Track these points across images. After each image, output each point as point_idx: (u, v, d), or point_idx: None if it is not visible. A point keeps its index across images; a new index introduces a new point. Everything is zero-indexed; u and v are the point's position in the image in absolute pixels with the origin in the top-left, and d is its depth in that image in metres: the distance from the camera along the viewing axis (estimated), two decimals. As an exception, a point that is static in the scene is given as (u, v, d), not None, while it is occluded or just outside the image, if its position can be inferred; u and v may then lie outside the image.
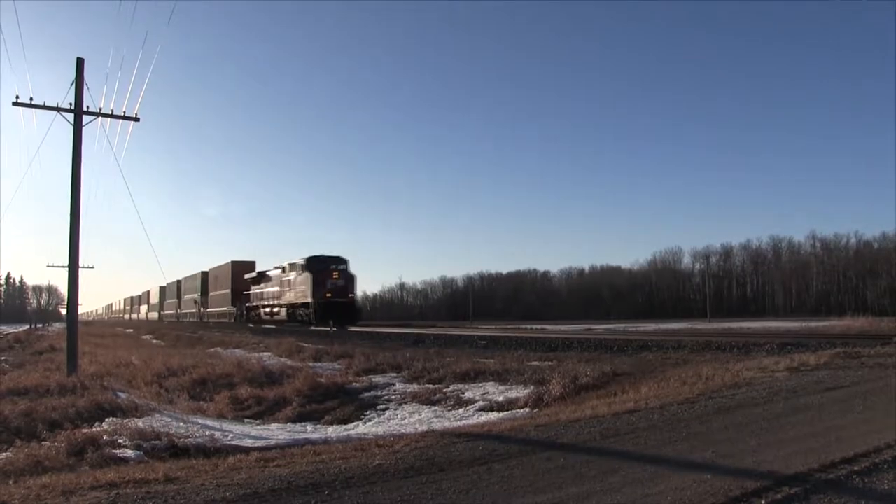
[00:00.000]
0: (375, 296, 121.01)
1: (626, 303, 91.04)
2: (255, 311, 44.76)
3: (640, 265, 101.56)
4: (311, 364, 17.82)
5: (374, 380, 14.39)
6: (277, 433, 9.55)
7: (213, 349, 25.91)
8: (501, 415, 10.02)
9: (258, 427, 10.41)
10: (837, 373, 9.10)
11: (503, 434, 6.13)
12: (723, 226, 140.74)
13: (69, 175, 14.37)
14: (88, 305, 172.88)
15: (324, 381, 14.09)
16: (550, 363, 13.51)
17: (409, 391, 12.96)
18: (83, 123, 14.52)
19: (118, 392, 11.73)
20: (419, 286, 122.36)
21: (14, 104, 14.07)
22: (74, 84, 14.32)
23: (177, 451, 7.37)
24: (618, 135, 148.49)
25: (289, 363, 18.24)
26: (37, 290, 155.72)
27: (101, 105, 14.89)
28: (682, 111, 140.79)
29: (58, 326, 66.06)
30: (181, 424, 9.09)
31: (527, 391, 11.31)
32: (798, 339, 14.24)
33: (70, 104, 14.33)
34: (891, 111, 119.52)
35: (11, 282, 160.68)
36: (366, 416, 11.53)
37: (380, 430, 9.45)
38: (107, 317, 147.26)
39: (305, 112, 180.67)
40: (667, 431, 5.82)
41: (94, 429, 8.38)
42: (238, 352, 23.20)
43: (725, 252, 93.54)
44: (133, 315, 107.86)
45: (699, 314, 65.69)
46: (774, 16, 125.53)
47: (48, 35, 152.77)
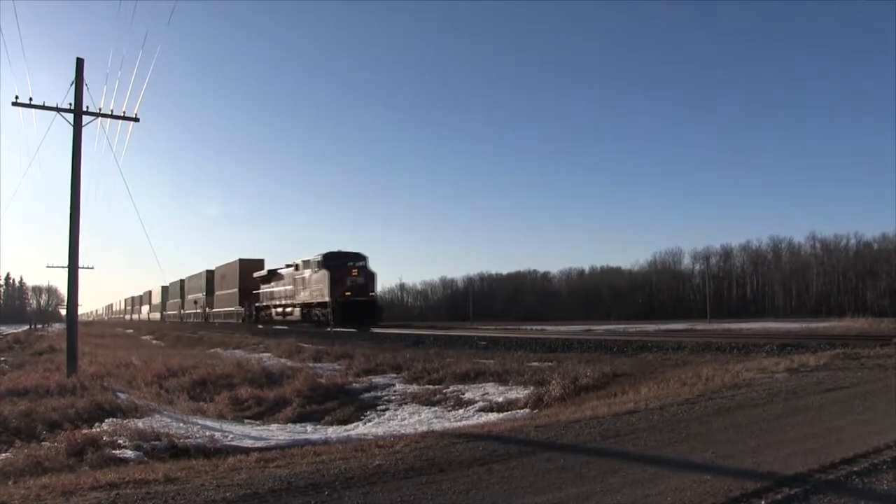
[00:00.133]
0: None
1: (626, 303, 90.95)
2: (266, 311, 42.99)
3: (640, 266, 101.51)
4: (311, 364, 17.82)
5: (374, 380, 14.39)
6: (277, 434, 9.56)
7: (213, 350, 25.93)
8: (501, 415, 10.03)
9: (258, 427, 10.42)
10: (837, 374, 9.10)
11: (503, 435, 6.14)
12: (723, 226, 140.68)
13: (69, 175, 14.38)
14: (88, 306, 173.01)
15: (324, 382, 14.09)
16: (550, 364, 13.51)
17: (409, 392, 12.96)
18: (83, 124, 14.54)
19: (118, 392, 11.74)
20: (419, 287, 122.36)
21: (14, 104, 14.08)
22: (74, 84, 14.33)
23: (177, 452, 7.37)
24: (618, 135, 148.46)
25: (289, 364, 18.25)
26: (36, 291, 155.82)
27: (101, 105, 14.94)
28: (682, 111, 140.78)
29: (57, 327, 66.07)
30: (181, 425, 9.09)
31: (527, 392, 11.32)
32: (798, 340, 14.23)
33: (70, 104, 14.34)
34: (891, 111, 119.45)
35: (11, 282, 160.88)
36: (366, 417, 11.54)
37: (380, 431, 9.46)
38: (107, 317, 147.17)
39: (305, 112, 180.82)
40: (667, 432, 5.82)
41: (94, 429, 8.38)
42: (238, 352, 23.21)
43: (725, 253, 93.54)
44: (134, 315, 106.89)
45: (699, 315, 65.65)
46: (774, 16, 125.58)
47: (48, 35, 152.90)
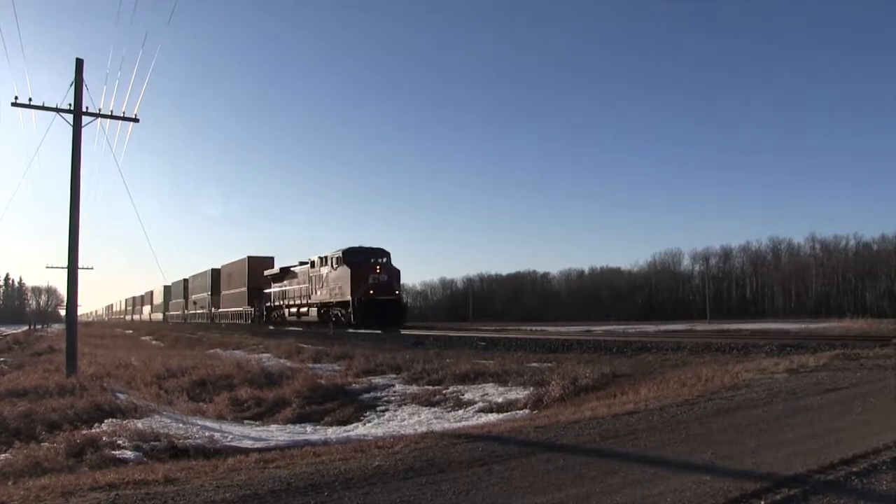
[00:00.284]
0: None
1: (626, 304, 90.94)
2: (278, 311, 41.00)
3: (640, 266, 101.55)
4: (311, 365, 17.83)
5: (374, 381, 14.39)
6: (277, 434, 9.55)
7: (213, 350, 25.92)
8: (501, 416, 10.02)
9: (257, 428, 10.41)
10: (836, 374, 9.10)
11: (503, 435, 6.14)
12: (722, 227, 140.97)
13: (69, 175, 14.37)
14: (88, 306, 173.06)
15: (323, 383, 14.09)
16: (550, 364, 13.51)
17: (409, 392, 12.96)
18: (83, 124, 14.53)
19: (117, 393, 11.73)
20: (419, 287, 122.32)
21: (13, 105, 14.07)
22: (74, 85, 14.32)
23: (176, 453, 7.36)
24: (617, 135, 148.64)
25: (288, 364, 18.25)
26: (36, 291, 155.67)
27: (101, 105, 14.92)
28: (682, 112, 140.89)
29: (57, 327, 65.95)
30: (180, 425, 9.09)
31: (526, 392, 11.32)
32: (797, 341, 14.23)
33: (69, 105, 14.33)
34: (891, 112, 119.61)
35: (10, 283, 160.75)
36: (365, 418, 11.53)
37: (379, 432, 9.45)
38: (107, 318, 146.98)
39: (306, 111, 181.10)
40: (666, 433, 5.82)
41: (94, 430, 8.38)
42: (238, 353, 23.21)
43: (725, 254, 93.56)
44: (135, 316, 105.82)
45: (699, 315, 65.66)
46: (774, 16, 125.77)
47: (48, 35, 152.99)
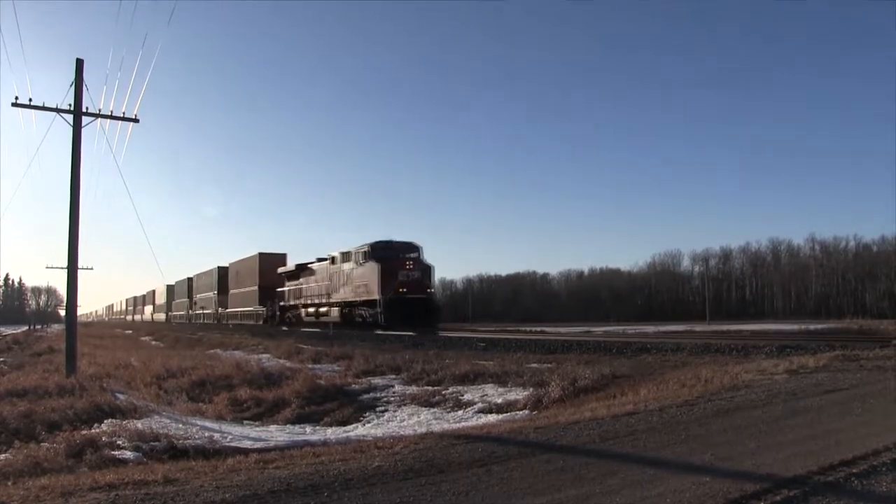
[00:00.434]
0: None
1: (626, 305, 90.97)
2: (293, 311, 38.65)
3: (640, 267, 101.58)
4: (311, 366, 17.82)
5: (374, 381, 14.39)
6: (276, 435, 9.55)
7: (213, 351, 25.92)
8: (500, 417, 10.02)
9: (257, 429, 10.41)
10: (836, 375, 9.10)
11: (502, 436, 6.13)
12: (722, 228, 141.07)
13: (69, 176, 14.37)
14: (88, 306, 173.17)
15: (323, 383, 14.08)
16: (549, 365, 13.51)
17: (409, 393, 12.95)
18: (83, 124, 14.53)
19: (117, 393, 11.72)
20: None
21: (13, 105, 14.08)
22: (74, 85, 14.32)
23: (176, 453, 7.36)
24: (617, 136, 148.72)
25: (288, 365, 18.24)
26: (36, 292, 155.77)
27: (101, 106, 14.92)
28: (682, 112, 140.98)
29: (56, 328, 65.88)
30: (180, 426, 9.09)
31: (526, 393, 11.31)
32: (797, 342, 14.24)
33: (69, 105, 14.33)
34: (891, 113, 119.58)
35: (10, 283, 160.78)
36: (365, 418, 11.53)
37: (379, 432, 9.45)
38: (107, 318, 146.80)
39: (306, 111, 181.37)
40: (666, 434, 5.82)
41: (93, 430, 8.37)
42: (237, 353, 23.21)
43: (725, 255, 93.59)
44: (136, 316, 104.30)
45: (698, 316, 65.64)
46: (773, 17, 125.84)
47: (48, 35, 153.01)
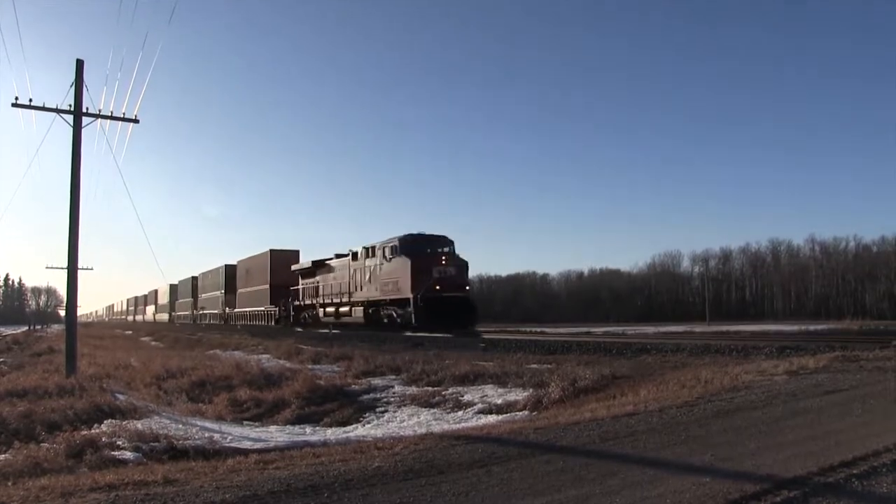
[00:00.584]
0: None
1: (626, 306, 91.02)
2: (310, 311, 36.73)
3: (640, 268, 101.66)
4: (310, 366, 17.81)
5: (373, 382, 14.38)
6: (276, 435, 9.55)
7: (212, 351, 25.92)
8: (500, 417, 10.01)
9: (257, 429, 10.41)
10: (836, 376, 9.10)
11: (502, 437, 6.13)
12: (722, 229, 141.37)
13: (69, 176, 14.37)
14: (88, 307, 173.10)
15: (323, 384, 14.07)
16: (549, 366, 13.50)
17: (408, 393, 12.95)
18: (83, 125, 14.54)
19: (117, 394, 11.72)
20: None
21: (13, 105, 14.08)
22: (74, 86, 14.33)
23: (176, 453, 7.36)
24: (617, 136, 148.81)
25: (287, 365, 18.24)
26: (35, 292, 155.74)
27: (101, 106, 14.92)
28: (682, 113, 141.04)
29: (56, 328, 65.77)
30: (180, 426, 9.08)
31: (526, 394, 11.30)
32: (797, 343, 14.21)
33: (69, 105, 14.33)
34: (891, 114, 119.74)
35: (10, 283, 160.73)
36: (365, 419, 11.52)
37: (379, 433, 9.44)
38: (108, 318, 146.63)
39: (306, 110, 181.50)
40: (665, 434, 5.82)
41: (93, 430, 8.37)
42: (237, 354, 23.21)
43: (724, 255, 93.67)
44: (138, 316, 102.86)
45: (698, 317, 65.65)
46: (773, 18, 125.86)
47: (48, 36, 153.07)
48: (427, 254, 25.98)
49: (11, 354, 30.34)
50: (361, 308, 29.66)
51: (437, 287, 24.87)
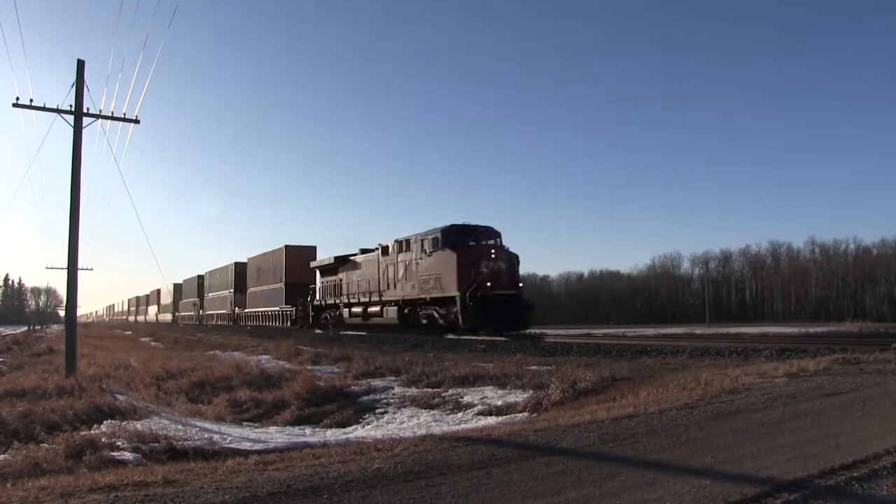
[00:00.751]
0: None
1: (626, 307, 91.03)
2: (332, 312, 33.81)
3: (640, 270, 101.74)
4: (310, 367, 17.79)
5: (373, 383, 14.37)
6: (276, 436, 9.54)
7: (212, 352, 25.90)
8: (500, 419, 10.00)
9: (256, 430, 10.40)
10: (836, 379, 9.09)
11: (502, 438, 6.13)
12: (722, 231, 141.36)
13: (69, 176, 14.38)
14: (88, 307, 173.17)
15: (322, 385, 14.06)
16: (549, 368, 13.49)
17: (408, 395, 12.94)
18: (83, 125, 14.54)
19: (117, 394, 11.71)
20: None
21: (14, 106, 14.08)
22: (75, 86, 14.34)
23: (175, 454, 7.35)
24: (617, 138, 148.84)
25: (287, 366, 18.22)
26: (35, 292, 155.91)
27: (102, 107, 14.92)
28: (683, 114, 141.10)
29: (56, 328, 65.68)
30: (179, 427, 9.08)
31: (526, 395, 11.29)
32: (797, 345, 14.22)
33: (70, 106, 14.34)
34: (891, 116, 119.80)
35: (10, 283, 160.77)
36: (364, 420, 11.51)
37: (378, 434, 9.43)
38: (108, 318, 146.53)
39: (306, 110, 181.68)
40: (665, 437, 5.81)
41: (93, 431, 8.36)
42: (237, 354, 23.20)
43: (724, 257, 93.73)
44: (139, 317, 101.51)
45: (698, 319, 65.70)
46: (773, 19, 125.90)
47: (49, 36, 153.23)
48: (473, 246, 23.59)
49: (11, 355, 30.35)
50: (395, 308, 27.13)
51: (489, 283, 22.35)
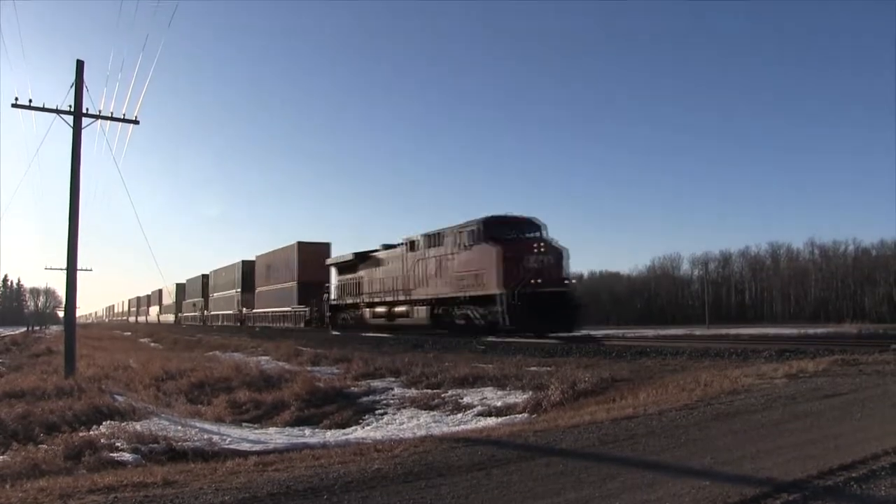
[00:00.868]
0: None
1: (625, 308, 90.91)
2: (351, 312, 31.64)
3: (639, 271, 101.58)
4: (310, 368, 17.79)
5: (373, 384, 14.36)
6: (275, 437, 9.53)
7: (212, 353, 25.89)
8: (500, 420, 10.00)
9: (256, 431, 10.39)
10: (836, 380, 9.10)
11: (502, 439, 6.13)
12: (721, 232, 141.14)
13: (69, 176, 14.37)
14: (87, 308, 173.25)
15: (322, 386, 14.05)
16: (549, 369, 13.49)
17: (408, 396, 12.93)
18: (83, 126, 14.54)
19: (116, 395, 11.70)
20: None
21: (13, 106, 14.09)
22: (74, 86, 14.33)
23: (175, 455, 7.34)
24: (617, 139, 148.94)
25: (287, 367, 18.21)
26: (34, 293, 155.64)
27: (101, 107, 14.93)
28: (683, 116, 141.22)
29: (55, 329, 65.59)
30: (179, 428, 9.07)
31: (525, 396, 11.29)
32: (796, 346, 14.22)
33: (70, 106, 14.34)
34: (890, 117, 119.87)
35: (9, 284, 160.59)
36: (364, 421, 11.50)
37: (378, 435, 9.42)
38: (108, 319, 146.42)
39: (307, 111, 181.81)
40: (665, 438, 5.82)
41: (92, 432, 8.34)
42: (236, 355, 23.20)
43: (724, 258, 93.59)
44: (140, 318, 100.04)
45: (698, 320, 65.62)
46: (772, 20, 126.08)
47: (48, 36, 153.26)
48: (516, 240, 21.80)
49: (10, 355, 30.34)
50: (425, 307, 25.18)
51: (535, 280, 20.50)
